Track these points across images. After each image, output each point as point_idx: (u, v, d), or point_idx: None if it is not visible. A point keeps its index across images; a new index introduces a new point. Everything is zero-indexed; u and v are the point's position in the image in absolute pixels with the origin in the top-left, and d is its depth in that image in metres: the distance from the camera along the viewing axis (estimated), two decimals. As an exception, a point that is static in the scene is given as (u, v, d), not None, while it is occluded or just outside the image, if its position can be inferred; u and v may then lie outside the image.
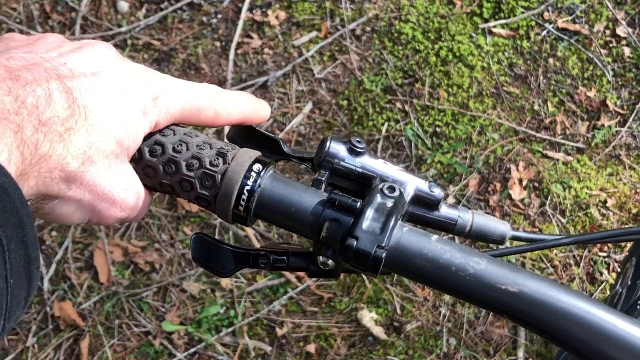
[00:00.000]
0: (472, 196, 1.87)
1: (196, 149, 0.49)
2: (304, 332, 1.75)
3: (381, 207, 0.47)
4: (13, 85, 0.40)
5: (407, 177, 0.52)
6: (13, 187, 0.37)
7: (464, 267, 0.46)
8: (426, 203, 0.52)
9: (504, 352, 1.71)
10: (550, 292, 0.44)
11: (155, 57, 2.08)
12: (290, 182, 0.49)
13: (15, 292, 0.38)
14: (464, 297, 0.47)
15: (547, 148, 1.93)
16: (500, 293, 0.45)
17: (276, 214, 0.49)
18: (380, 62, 2.03)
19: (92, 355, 1.74)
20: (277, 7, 2.13)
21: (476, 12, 2.08)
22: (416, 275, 0.47)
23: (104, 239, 1.85)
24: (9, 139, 0.38)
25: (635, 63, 2.02)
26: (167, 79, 0.49)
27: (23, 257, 0.38)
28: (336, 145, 0.52)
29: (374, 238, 0.45)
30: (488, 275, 0.45)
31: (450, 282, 0.46)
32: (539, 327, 0.45)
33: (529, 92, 1.99)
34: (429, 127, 1.95)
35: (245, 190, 0.48)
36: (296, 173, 1.91)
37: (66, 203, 0.45)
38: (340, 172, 0.52)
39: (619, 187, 1.88)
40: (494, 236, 0.55)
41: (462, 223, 0.54)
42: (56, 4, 2.16)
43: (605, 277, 1.78)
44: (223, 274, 0.52)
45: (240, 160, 0.49)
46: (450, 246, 0.47)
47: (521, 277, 0.45)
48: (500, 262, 0.46)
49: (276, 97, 2.01)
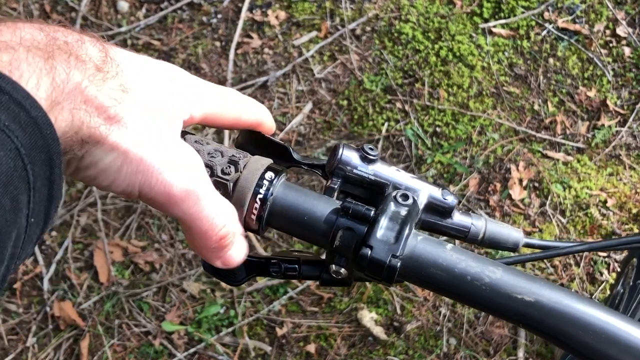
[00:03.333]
0: (472, 196, 1.87)
1: (207, 157, 0.48)
2: (304, 332, 1.75)
3: (395, 215, 0.47)
4: (45, 28, 0.38)
5: (420, 184, 0.51)
6: (45, 121, 0.34)
7: (480, 276, 0.45)
8: (439, 210, 0.52)
9: (504, 352, 1.71)
10: (567, 301, 0.44)
11: (155, 57, 2.07)
12: (303, 190, 0.49)
13: (31, 232, 0.36)
14: (480, 307, 0.46)
15: (547, 148, 1.93)
16: (516, 302, 0.44)
17: (289, 223, 0.48)
18: (380, 62, 2.03)
19: (92, 355, 1.74)
20: (277, 7, 2.13)
21: (476, 12, 2.08)
22: (431, 285, 0.47)
23: (104, 239, 1.85)
24: (39, 65, 0.35)
25: (635, 63, 2.02)
26: (194, 82, 0.48)
27: (46, 196, 0.36)
28: (349, 152, 0.51)
29: (388, 247, 0.45)
30: (504, 285, 0.45)
31: (465, 292, 0.46)
32: (555, 336, 0.44)
33: (529, 92, 1.99)
34: (429, 127, 1.95)
35: (258, 198, 0.47)
36: (295, 174, 1.91)
37: (110, 152, 0.40)
38: (353, 180, 0.51)
39: (619, 187, 1.88)
40: (507, 244, 0.55)
41: (475, 230, 0.54)
42: (56, 4, 2.16)
43: (605, 277, 1.78)
44: (234, 282, 0.51)
45: (252, 169, 0.48)
46: (466, 255, 0.46)
47: (537, 286, 0.45)
48: (516, 271, 0.46)
49: (276, 97, 2.01)
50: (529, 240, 0.57)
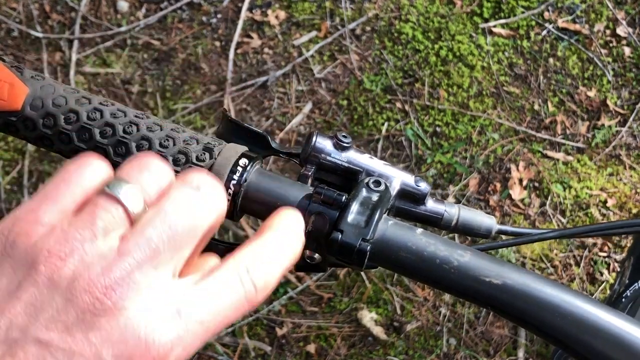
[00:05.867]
0: (472, 196, 1.87)
1: (183, 144, 0.49)
2: (304, 332, 1.75)
3: (366, 201, 0.47)
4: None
5: (393, 171, 0.52)
6: None
7: (448, 259, 0.45)
8: (412, 197, 0.53)
9: (504, 352, 1.71)
10: (533, 284, 0.44)
11: (155, 57, 2.08)
12: (276, 177, 0.50)
13: None
14: (448, 290, 0.47)
15: (547, 148, 1.93)
16: (484, 285, 0.45)
17: (262, 208, 0.49)
18: (380, 62, 2.03)
19: (92, 355, 1.74)
20: (277, 7, 2.13)
21: (476, 12, 2.08)
22: (401, 268, 0.47)
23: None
24: None
25: (635, 63, 2.02)
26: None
27: None
28: (322, 140, 0.52)
29: (358, 231, 0.45)
30: (472, 268, 0.45)
31: (434, 275, 0.46)
32: (522, 319, 0.45)
33: (529, 92, 1.99)
34: (429, 127, 1.95)
35: (232, 184, 0.48)
36: (296, 173, 1.91)
37: None
38: (327, 167, 0.52)
39: (619, 187, 1.88)
40: (480, 230, 0.55)
41: (449, 217, 0.54)
42: (56, 4, 2.15)
43: (605, 277, 1.78)
44: None
45: (226, 155, 0.49)
46: (435, 239, 0.46)
47: (505, 270, 0.45)
48: (485, 255, 0.46)
49: (276, 97, 2.01)
50: (502, 227, 0.57)
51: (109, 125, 0.50)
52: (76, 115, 0.50)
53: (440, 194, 1.86)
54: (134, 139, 0.49)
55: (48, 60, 2.07)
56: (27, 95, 0.50)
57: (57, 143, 0.51)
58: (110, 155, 0.50)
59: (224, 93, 2.01)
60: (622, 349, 0.43)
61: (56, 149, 0.51)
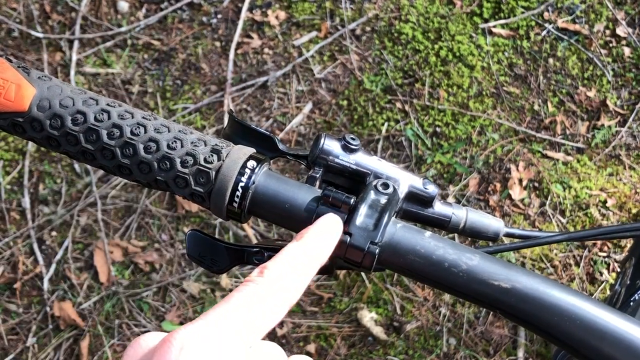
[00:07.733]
0: (472, 196, 1.87)
1: (191, 146, 0.49)
2: (304, 332, 1.75)
3: (375, 203, 0.47)
4: None
5: (401, 174, 0.52)
6: None
7: (457, 263, 0.45)
8: (420, 200, 0.53)
9: (504, 352, 1.71)
10: (542, 288, 0.44)
11: (155, 57, 2.08)
12: (284, 179, 0.49)
13: None
14: (457, 294, 0.47)
15: (547, 148, 1.93)
16: (492, 289, 0.45)
17: (270, 211, 0.49)
18: (380, 62, 2.03)
19: (92, 355, 1.74)
20: (277, 7, 2.13)
21: (476, 12, 2.08)
22: (409, 272, 0.47)
23: (104, 239, 1.85)
24: None
25: (635, 63, 2.02)
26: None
27: None
28: (330, 142, 0.52)
29: (367, 234, 0.45)
30: (481, 271, 0.45)
31: (443, 278, 0.46)
32: (531, 323, 0.45)
33: (529, 92, 1.99)
34: (429, 127, 1.95)
35: (240, 186, 0.48)
36: (297, 173, 1.91)
37: None
38: (335, 169, 0.52)
39: (619, 187, 1.88)
40: (488, 233, 0.55)
41: (456, 220, 0.54)
42: (56, 4, 2.16)
43: (605, 277, 1.78)
44: (217, 270, 0.52)
45: (234, 157, 0.49)
46: (444, 242, 0.46)
47: (514, 273, 0.45)
48: (493, 259, 0.46)
49: (276, 97, 2.02)
50: (509, 230, 0.57)
51: (116, 127, 0.49)
52: (84, 116, 0.50)
53: (440, 194, 1.86)
54: (142, 141, 0.49)
55: (48, 61, 2.07)
56: (34, 96, 0.50)
57: (64, 144, 0.50)
58: (117, 157, 0.49)
59: (224, 93, 2.01)
60: (634, 354, 0.42)
61: (63, 150, 0.51)
